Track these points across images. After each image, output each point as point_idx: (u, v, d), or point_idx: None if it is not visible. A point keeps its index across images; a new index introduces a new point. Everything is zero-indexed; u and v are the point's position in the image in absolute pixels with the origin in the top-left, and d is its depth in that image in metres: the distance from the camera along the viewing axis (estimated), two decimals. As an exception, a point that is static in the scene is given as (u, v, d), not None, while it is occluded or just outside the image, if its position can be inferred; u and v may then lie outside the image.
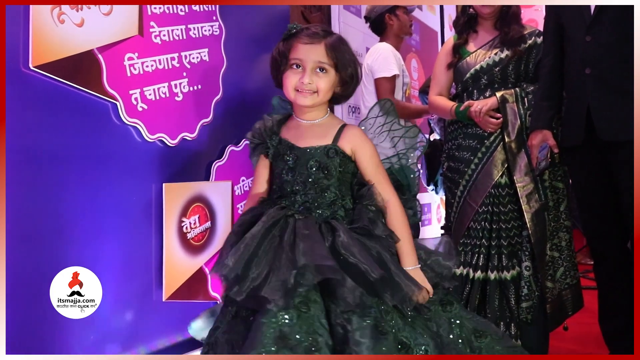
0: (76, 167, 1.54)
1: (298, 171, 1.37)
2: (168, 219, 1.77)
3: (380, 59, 2.68)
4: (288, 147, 1.39)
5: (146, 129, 1.74)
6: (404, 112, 2.70)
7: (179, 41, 1.88)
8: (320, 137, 1.38)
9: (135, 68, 1.71)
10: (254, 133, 1.45)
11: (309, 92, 1.36)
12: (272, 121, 1.45)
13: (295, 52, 1.37)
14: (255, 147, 1.44)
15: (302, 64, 1.37)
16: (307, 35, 1.37)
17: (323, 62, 1.36)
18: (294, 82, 1.37)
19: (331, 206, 1.34)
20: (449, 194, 2.31)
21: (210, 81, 2.00)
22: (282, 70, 1.39)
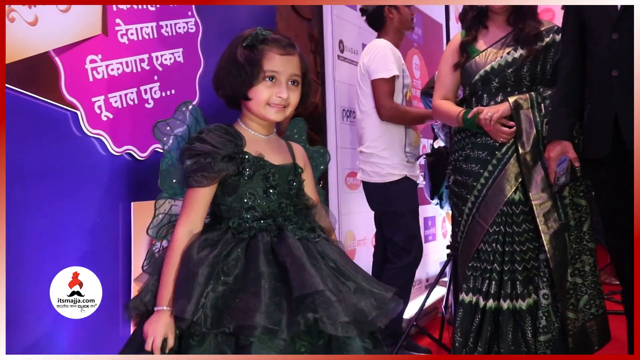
0: (31, 185, 1.49)
1: (280, 190, 1.40)
2: (137, 243, 1.75)
3: (377, 58, 2.65)
4: (266, 164, 1.41)
5: (111, 141, 1.70)
6: (404, 117, 2.68)
7: (149, 40, 1.84)
8: (280, 153, 1.47)
9: (98, 72, 1.67)
10: (212, 146, 1.34)
11: (281, 107, 1.41)
12: (233, 130, 1.41)
13: (270, 63, 1.38)
14: (212, 163, 1.34)
15: (277, 77, 1.39)
16: (282, 46, 1.39)
17: (297, 74, 1.41)
18: (268, 96, 1.39)
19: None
20: (455, 210, 2.29)
21: (185, 85, 1.97)
22: (250, 82, 1.38)
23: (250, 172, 1.39)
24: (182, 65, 1.96)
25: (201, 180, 1.35)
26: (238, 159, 1.38)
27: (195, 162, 1.34)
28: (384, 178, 2.68)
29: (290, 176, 1.45)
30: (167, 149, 1.42)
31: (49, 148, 1.54)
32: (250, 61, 1.38)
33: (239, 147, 1.39)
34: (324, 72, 3.10)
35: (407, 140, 2.73)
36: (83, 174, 1.64)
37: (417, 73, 4.07)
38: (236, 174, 1.38)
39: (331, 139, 3.03)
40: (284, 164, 1.45)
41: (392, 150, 2.67)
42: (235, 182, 1.39)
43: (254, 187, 1.39)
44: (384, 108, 2.63)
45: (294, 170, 1.47)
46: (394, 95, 2.67)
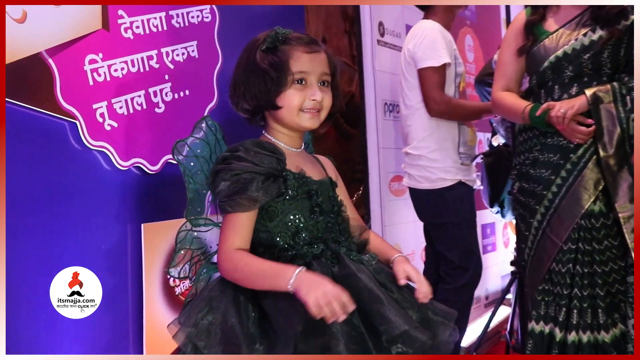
0: (23, 209, 1.46)
1: (325, 208, 1.42)
2: (149, 270, 1.73)
3: (425, 43, 2.58)
4: (309, 180, 1.41)
5: (117, 154, 1.67)
6: (457, 112, 2.61)
7: (157, 34, 1.81)
8: (314, 167, 1.48)
9: (99, 74, 1.63)
10: (252, 164, 1.33)
11: (315, 111, 1.42)
12: (272, 146, 1.39)
13: (298, 64, 1.38)
14: (255, 183, 1.32)
15: (307, 78, 1.40)
16: (307, 43, 1.40)
17: (328, 73, 1.43)
18: (300, 101, 1.39)
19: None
20: (521, 223, 2.23)
21: (202, 85, 1.95)
22: (278, 88, 1.38)
23: (293, 192, 1.38)
24: (197, 61, 1.93)
25: (242, 204, 1.32)
26: (282, 177, 1.36)
27: (234, 183, 1.31)
28: (434, 184, 2.61)
29: (331, 192, 1.47)
30: (189, 174, 1.42)
31: (44, 165, 1.51)
32: (274, 65, 1.37)
33: (283, 163, 1.37)
34: (361, 59, 3.03)
35: (461, 138, 2.66)
36: (84, 193, 1.61)
37: (470, 56, 4.00)
38: (278, 196, 1.37)
39: (371, 137, 2.98)
40: (323, 178, 1.47)
41: (443, 151, 2.61)
42: (278, 205, 1.37)
43: (299, 207, 1.39)
44: (433, 102, 2.56)
45: (331, 185, 1.49)
46: (444, 87, 2.59)
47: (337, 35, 4.10)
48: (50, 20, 1.51)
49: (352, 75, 4.14)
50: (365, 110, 2.97)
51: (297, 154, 1.47)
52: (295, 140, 1.47)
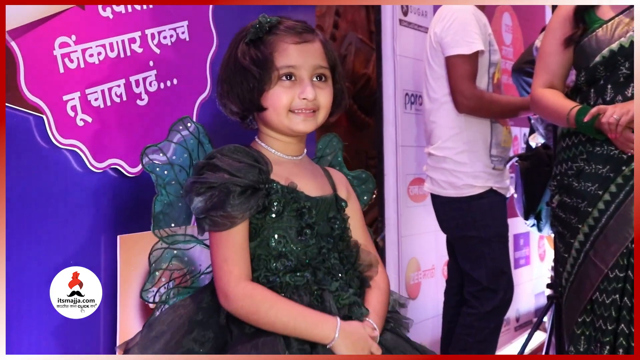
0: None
1: (319, 230, 1.40)
2: (124, 288, 1.71)
3: (454, 27, 2.57)
4: (301, 195, 1.39)
5: (90, 154, 1.64)
6: (490, 108, 2.61)
7: (141, 12, 1.77)
8: (315, 180, 1.46)
9: (72, 60, 1.60)
10: (228, 174, 1.32)
11: (310, 111, 1.39)
12: (255, 153, 1.39)
13: (284, 57, 1.37)
14: (232, 197, 1.31)
15: (297, 73, 1.38)
16: (296, 32, 1.38)
17: (324, 66, 1.40)
18: (288, 100, 1.37)
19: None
20: (560, 243, 2.21)
21: (192, 72, 1.92)
22: (261, 86, 1.37)
23: (279, 208, 1.37)
24: (188, 44, 1.90)
25: (219, 222, 1.31)
26: (264, 190, 1.35)
27: (209, 198, 1.31)
28: (460, 191, 2.60)
29: (332, 212, 1.44)
30: (162, 184, 1.42)
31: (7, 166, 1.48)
32: (257, 59, 1.37)
33: (265, 174, 1.36)
34: (379, 40, 3.01)
35: (494, 139, 2.64)
36: (51, 199, 1.59)
37: (507, 38, 3.99)
38: (260, 211, 1.36)
39: (389, 133, 2.97)
40: (323, 195, 1.44)
41: (472, 153, 2.59)
42: (260, 222, 1.37)
43: (284, 227, 1.37)
44: (462, 95, 2.54)
45: (336, 203, 1.46)
46: (476, 78, 2.57)
47: (353, 8, 4.06)
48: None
49: (369, 55, 4.12)
50: (383, 102, 2.96)
51: (292, 163, 1.45)
52: (291, 147, 1.45)
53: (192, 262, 1.58)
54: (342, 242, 1.44)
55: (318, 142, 1.70)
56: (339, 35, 3.97)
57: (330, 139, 1.68)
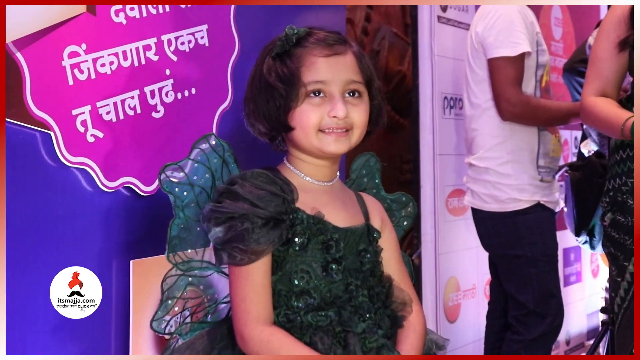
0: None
1: (347, 265, 1.39)
2: (137, 317, 1.71)
3: (498, 26, 2.54)
4: (328, 227, 1.38)
5: (101, 172, 1.64)
6: (538, 115, 2.58)
7: (157, 17, 1.77)
8: (346, 209, 1.45)
9: (82, 70, 1.59)
10: (250, 204, 1.31)
11: (342, 131, 1.37)
12: (281, 179, 1.38)
13: (312, 72, 1.36)
14: (251, 230, 1.30)
15: (326, 89, 1.36)
16: (327, 44, 1.37)
17: (357, 80, 1.39)
18: (317, 118, 1.36)
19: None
20: (613, 266, 2.19)
21: (213, 80, 1.92)
22: (288, 104, 1.36)
23: (303, 240, 1.36)
24: (207, 50, 1.90)
25: (238, 256, 1.31)
26: (288, 221, 1.33)
27: (228, 229, 1.30)
28: (504, 205, 2.57)
29: (362, 244, 1.42)
30: (180, 205, 1.41)
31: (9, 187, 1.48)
32: (283, 75, 1.36)
33: (289, 204, 1.34)
34: (416, 39, 3.01)
35: (542, 148, 2.61)
36: (59, 222, 1.60)
37: (557, 32, 3.95)
38: (284, 243, 1.35)
39: (426, 140, 2.98)
40: (353, 226, 1.42)
41: (518, 163, 2.57)
42: (282, 254, 1.36)
43: (308, 261, 1.36)
44: (506, 101, 2.52)
45: (368, 234, 1.44)
46: (522, 82, 2.55)
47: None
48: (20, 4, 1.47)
49: (404, 51, 4.08)
50: (420, 106, 2.96)
51: (322, 190, 1.44)
52: (321, 171, 1.44)
53: (209, 290, 1.57)
54: (372, 277, 1.42)
55: (353, 162, 1.68)
56: (371, 29, 3.94)
57: (366, 159, 1.66)
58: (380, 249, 1.46)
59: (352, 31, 3.74)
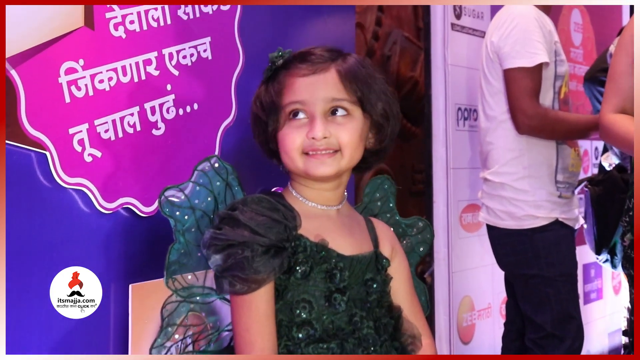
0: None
1: (352, 295, 1.38)
2: (137, 344, 1.71)
3: (515, 35, 2.53)
4: (332, 254, 1.38)
5: (99, 193, 1.65)
6: (556, 129, 2.56)
7: (158, 30, 1.78)
8: (352, 235, 1.44)
9: (79, 87, 1.60)
10: (250, 231, 1.32)
11: (328, 152, 1.36)
12: (281, 206, 1.37)
13: (291, 93, 1.37)
14: (251, 258, 1.30)
15: (306, 109, 1.37)
16: (307, 63, 1.38)
17: (340, 98, 1.37)
18: (299, 141, 1.36)
19: None
20: (633, 289, 2.20)
21: (216, 95, 1.93)
22: (272, 129, 1.40)
23: (305, 268, 1.35)
24: (211, 63, 1.90)
25: (239, 285, 1.30)
26: (289, 249, 1.33)
27: (227, 257, 1.30)
28: (521, 222, 2.55)
29: (369, 273, 1.41)
30: (181, 230, 1.42)
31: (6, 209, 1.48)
32: (265, 103, 1.40)
33: (291, 231, 1.34)
34: (429, 47, 3.01)
35: (560, 163, 2.60)
36: (55, 245, 1.60)
37: (577, 38, 3.94)
38: (285, 271, 1.35)
39: (439, 154, 2.96)
40: (360, 253, 1.42)
41: (535, 179, 2.55)
42: (283, 283, 1.36)
43: (311, 291, 1.36)
44: (523, 114, 2.50)
45: (376, 263, 1.44)
46: (539, 94, 2.53)
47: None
48: (12, 18, 1.47)
49: (416, 56, 4.08)
50: (432, 118, 2.95)
51: (326, 216, 1.43)
52: (324, 195, 1.43)
53: (211, 317, 1.57)
54: (379, 308, 1.42)
55: (366, 185, 1.67)
56: (382, 34, 3.93)
57: (380, 182, 1.65)
58: (389, 278, 1.45)
59: (362, 36, 3.73)
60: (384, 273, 1.44)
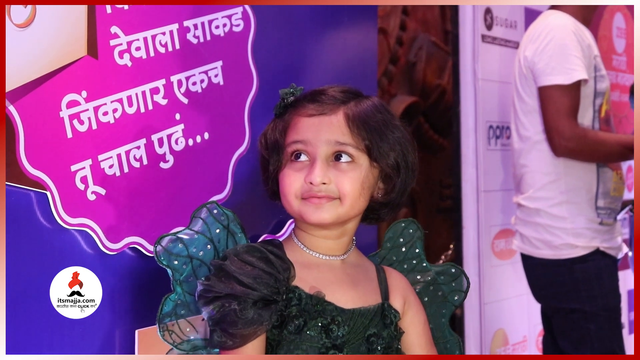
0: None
1: (352, 352, 1.37)
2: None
3: (550, 50, 2.53)
4: (328, 309, 1.37)
5: (104, 234, 1.64)
6: (595, 150, 2.59)
7: (166, 55, 1.78)
8: (356, 287, 1.43)
9: (82, 121, 1.60)
10: (238, 282, 1.32)
11: (326, 197, 1.36)
12: (274, 256, 1.37)
13: (294, 132, 1.39)
14: (240, 312, 1.31)
15: (307, 150, 1.38)
16: (316, 103, 1.40)
17: (344, 142, 1.37)
18: (297, 184, 1.37)
19: None
20: None
21: (228, 123, 1.93)
22: (274, 168, 1.42)
23: (299, 322, 1.35)
24: (222, 89, 1.90)
25: (227, 339, 1.31)
26: (281, 301, 1.33)
27: (216, 310, 1.32)
28: (558, 252, 2.57)
29: (373, 327, 1.39)
30: (178, 280, 1.43)
31: (6, 252, 1.48)
32: (269, 141, 1.44)
33: (281, 282, 1.33)
34: (457, 62, 3.01)
35: (601, 187, 2.60)
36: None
37: (619, 44, 3.91)
38: (278, 325, 1.35)
39: (469, 176, 2.98)
40: (363, 306, 1.40)
41: (573, 204, 2.57)
42: (276, 337, 1.36)
43: (305, 346, 1.35)
44: (560, 135, 2.51)
45: (382, 316, 1.41)
46: (577, 113, 2.54)
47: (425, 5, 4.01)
48: (12, 49, 1.47)
49: (444, 62, 4.08)
50: (461, 137, 2.95)
51: (328, 266, 1.43)
52: (326, 244, 1.43)
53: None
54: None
55: (388, 229, 1.65)
56: (407, 38, 3.94)
57: (405, 226, 1.62)
58: (400, 333, 1.44)
59: (386, 42, 3.74)
60: (392, 327, 1.42)
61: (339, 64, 2.26)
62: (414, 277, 1.58)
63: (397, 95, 3.89)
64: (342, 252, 1.45)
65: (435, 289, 1.56)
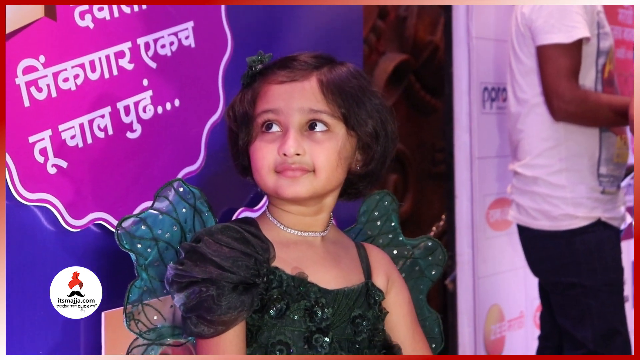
0: None
1: (336, 335, 1.38)
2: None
3: (549, 7, 2.52)
4: (312, 289, 1.37)
5: (66, 209, 1.64)
6: (598, 114, 2.59)
7: (132, 16, 1.76)
8: (337, 266, 1.43)
9: (40, 88, 1.58)
10: (216, 266, 1.31)
11: (300, 169, 1.36)
12: (252, 235, 1.38)
13: (264, 101, 1.39)
14: (217, 298, 1.30)
15: (279, 120, 1.37)
16: (286, 69, 1.40)
17: (319, 110, 1.36)
18: (270, 157, 1.37)
19: None
20: None
21: (200, 88, 1.93)
22: (243, 142, 1.42)
23: (281, 306, 1.34)
24: (194, 52, 1.89)
25: (204, 327, 1.31)
26: (262, 285, 1.33)
27: (190, 295, 1.31)
28: (557, 223, 2.58)
29: (358, 309, 1.40)
30: (143, 264, 1.43)
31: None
32: (237, 112, 1.43)
33: (262, 264, 1.33)
34: (449, 18, 3.03)
35: (604, 153, 2.62)
36: (16, 271, 1.60)
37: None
38: (258, 309, 1.35)
39: (462, 141, 2.98)
40: (347, 287, 1.41)
41: (574, 172, 2.58)
42: (257, 322, 1.36)
43: (287, 331, 1.35)
44: (559, 98, 2.52)
45: (367, 296, 1.42)
46: (578, 74, 2.54)
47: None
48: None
49: (436, 17, 4.06)
50: (454, 100, 2.96)
51: (308, 244, 1.43)
52: (304, 221, 1.43)
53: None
54: (370, 349, 1.40)
55: (362, 203, 1.65)
56: (397, -9, 3.91)
57: (379, 199, 1.62)
58: (384, 313, 1.45)
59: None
60: (377, 308, 1.43)
61: (322, 19, 2.26)
62: (390, 252, 1.59)
63: (386, 53, 3.89)
64: (321, 228, 1.45)
65: (412, 263, 1.58)
